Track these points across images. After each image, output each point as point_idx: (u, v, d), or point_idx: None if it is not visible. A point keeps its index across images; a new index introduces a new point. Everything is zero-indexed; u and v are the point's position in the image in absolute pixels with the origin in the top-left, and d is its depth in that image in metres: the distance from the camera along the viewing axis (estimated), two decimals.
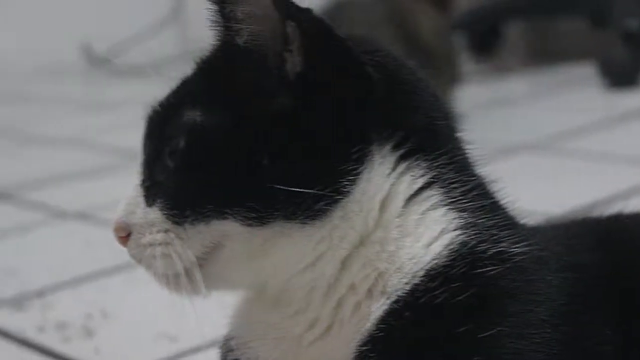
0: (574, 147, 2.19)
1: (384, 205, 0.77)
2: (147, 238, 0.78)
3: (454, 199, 0.78)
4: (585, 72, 2.92)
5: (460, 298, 0.73)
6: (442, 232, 0.77)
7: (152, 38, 4.40)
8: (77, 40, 4.46)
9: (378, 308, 0.75)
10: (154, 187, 0.79)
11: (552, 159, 2.10)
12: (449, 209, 0.78)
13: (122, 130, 3.01)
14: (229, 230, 0.76)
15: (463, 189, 0.79)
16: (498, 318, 0.73)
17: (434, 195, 0.78)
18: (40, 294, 1.56)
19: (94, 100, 3.85)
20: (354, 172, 0.76)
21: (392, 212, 0.77)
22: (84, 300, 1.51)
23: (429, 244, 0.76)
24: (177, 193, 0.77)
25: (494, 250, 0.76)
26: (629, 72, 2.76)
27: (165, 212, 0.78)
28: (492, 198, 0.81)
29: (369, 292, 0.77)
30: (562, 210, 1.51)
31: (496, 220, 0.78)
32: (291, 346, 0.80)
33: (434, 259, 0.75)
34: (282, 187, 0.74)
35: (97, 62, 4.46)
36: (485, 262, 0.75)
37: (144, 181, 0.80)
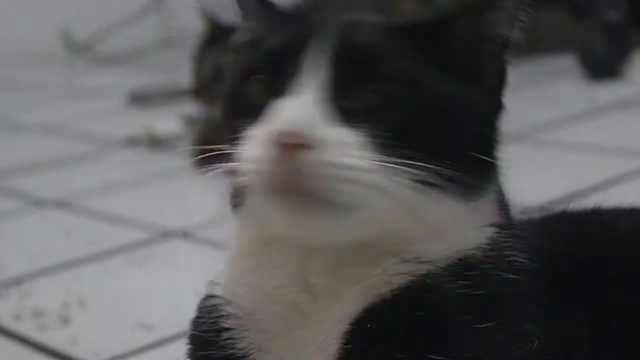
0: (553, 138, 2.19)
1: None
2: (350, 160, 0.72)
3: (499, 199, 0.81)
4: (566, 63, 2.93)
5: (474, 292, 0.75)
6: (487, 225, 0.79)
7: (133, 26, 4.38)
8: (57, 28, 4.44)
9: (400, 275, 0.76)
10: (347, 111, 0.74)
11: (531, 150, 2.11)
12: (497, 206, 0.81)
13: (102, 118, 3.00)
14: (401, 181, 0.73)
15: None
16: (494, 317, 0.75)
17: (494, 190, 0.81)
18: (17, 282, 1.55)
19: (74, 88, 3.83)
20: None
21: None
22: (61, 288, 1.51)
23: (475, 231, 0.78)
24: (391, 128, 0.74)
25: (511, 259, 0.78)
26: (609, 64, 2.77)
27: (373, 141, 0.73)
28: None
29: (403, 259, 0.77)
30: (540, 201, 1.51)
31: (514, 228, 0.81)
32: (300, 322, 0.78)
33: (473, 248, 0.77)
34: (484, 157, 0.77)
35: (77, 49, 4.43)
36: (504, 266, 0.77)
37: (328, 100, 0.74)
